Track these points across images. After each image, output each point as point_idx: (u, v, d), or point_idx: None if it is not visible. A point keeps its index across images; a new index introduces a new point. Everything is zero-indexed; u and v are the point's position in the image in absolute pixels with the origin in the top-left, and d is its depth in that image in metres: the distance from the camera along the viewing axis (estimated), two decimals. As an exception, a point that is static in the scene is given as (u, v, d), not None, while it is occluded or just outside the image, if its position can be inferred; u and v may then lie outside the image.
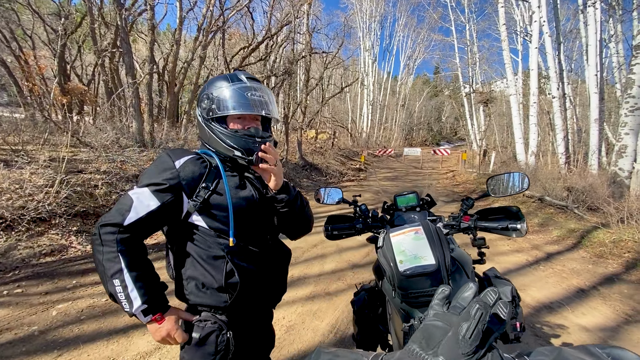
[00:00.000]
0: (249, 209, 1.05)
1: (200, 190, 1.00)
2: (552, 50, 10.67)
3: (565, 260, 3.97)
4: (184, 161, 1.00)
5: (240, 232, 1.04)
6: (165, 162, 1.00)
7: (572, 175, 8.29)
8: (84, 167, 5.45)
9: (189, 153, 1.04)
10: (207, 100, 1.06)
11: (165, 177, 0.96)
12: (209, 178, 1.02)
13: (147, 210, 0.93)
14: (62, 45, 9.92)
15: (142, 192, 0.95)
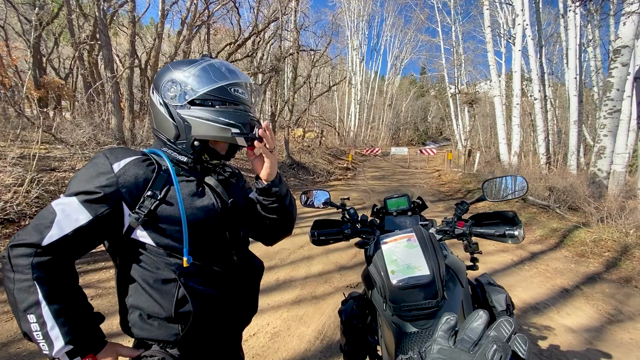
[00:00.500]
0: (208, 221, 0.88)
1: (145, 200, 0.81)
2: (534, 53, 10.92)
3: (549, 260, 4.02)
4: (125, 164, 0.81)
5: (198, 249, 0.86)
6: (101, 165, 0.80)
7: (552, 175, 8.50)
8: (57, 164, 5.17)
9: (132, 153, 0.85)
10: (176, 85, 0.86)
11: (99, 184, 0.77)
12: (156, 184, 0.83)
13: (74, 225, 0.74)
14: (37, 36, 9.42)
15: (69, 203, 0.75)
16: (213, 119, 0.85)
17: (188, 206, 0.85)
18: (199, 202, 0.87)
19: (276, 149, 0.96)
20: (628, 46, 5.78)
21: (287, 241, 4.35)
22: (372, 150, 19.33)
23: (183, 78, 0.87)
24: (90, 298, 2.48)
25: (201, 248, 0.87)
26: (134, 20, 7.54)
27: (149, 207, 0.80)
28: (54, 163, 5.22)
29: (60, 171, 5.01)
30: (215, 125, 0.85)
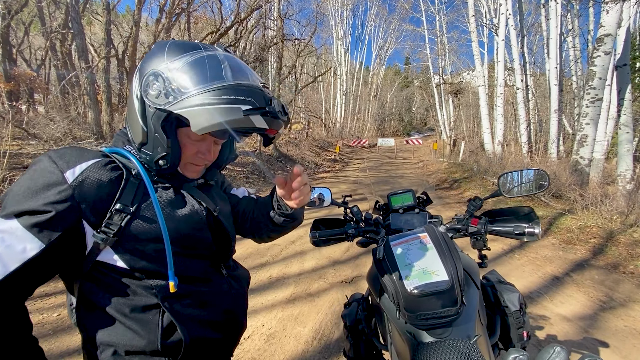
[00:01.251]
0: (193, 234, 0.74)
1: (113, 215, 0.63)
2: (517, 43, 11.03)
3: (538, 248, 4.08)
4: (83, 170, 0.61)
5: (184, 267, 0.72)
6: (49, 174, 0.59)
7: (535, 163, 8.69)
8: (30, 162, 4.86)
9: (89, 155, 0.65)
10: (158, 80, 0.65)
11: (49, 200, 0.57)
12: (126, 194, 0.65)
13: (21, 259, 0.56)
14: (5, 26, 8.81)
15: (10, 230, 0.56)
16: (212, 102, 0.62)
17: (168, 219, 0.69)
18: (180, 213, 0.72)
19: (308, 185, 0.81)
20: (611, 35, 5.87)
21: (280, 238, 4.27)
22: (359, 142, 19.32)
23: (169, 71, 0.65)
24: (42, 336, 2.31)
25: (187, 266, 0.73)
26: (109, 7, 7.11)
27: (118, 223, 0.63)
28: (27, 160, 4.90)
29: (33, 169, 4.71)
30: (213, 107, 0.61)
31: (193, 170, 0.78)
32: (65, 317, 2.37)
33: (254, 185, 8.00)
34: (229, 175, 7.79)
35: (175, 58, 0.66)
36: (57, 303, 2.50)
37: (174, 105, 0.64)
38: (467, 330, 0.90)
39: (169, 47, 0.69)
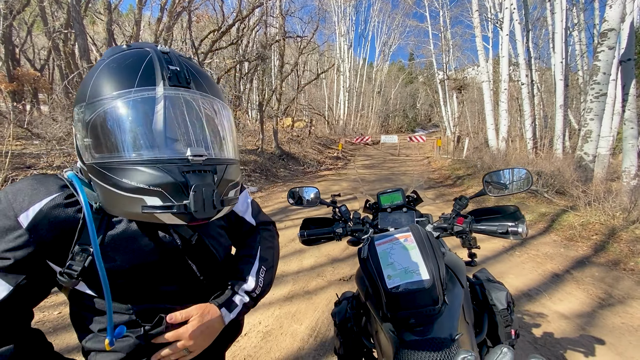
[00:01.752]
0: (166, 262, 0.69)
1: (75, 256, 0.60)
2: (522, 38, 10.88)
3: (539, 245, 4.06)
4: (36, 213, 0.58)
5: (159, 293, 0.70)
6: (3, 217, 0.57)
7: (540, 159, 8.60)
8: (33, 162, 4.92)
9: (44, 192, 0.60)
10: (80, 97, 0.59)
11: (6, 247, 0.56)
12: (86, 233, 0.60)
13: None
14: (7, 26, 8.89)
15: None
16: (110, 179, 0.54)
17: (130, 256, 0.64)
18: (149, 243, 0.67)
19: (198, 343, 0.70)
20: (614, 29, 5.77)
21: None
22: (362, 139, 19.25)
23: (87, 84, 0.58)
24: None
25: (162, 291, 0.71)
26: (110, 7, 7.15)
27: (81, 264, 0.60)
28: (29, 160, 4.97)
29: (37, 168, 4.77)
30: (113, 191, 0.54)
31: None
32: (65, 315, 2.41)
33: (256, 183, 8.03)
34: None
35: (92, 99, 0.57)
36: (58, 301, 2.54)
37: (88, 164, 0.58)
38: (450, 328, 0.90)
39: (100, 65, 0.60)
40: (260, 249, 0.91)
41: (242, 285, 0.81)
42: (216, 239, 0.82)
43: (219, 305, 0.76)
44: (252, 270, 0.85)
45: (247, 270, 0.85)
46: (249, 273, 0.84)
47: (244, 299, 0.80)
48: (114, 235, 0.64)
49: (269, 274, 0.89)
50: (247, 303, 0.81)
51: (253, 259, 0.87)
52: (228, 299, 0.78)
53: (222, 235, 0.86)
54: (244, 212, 0.95)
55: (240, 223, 0.94)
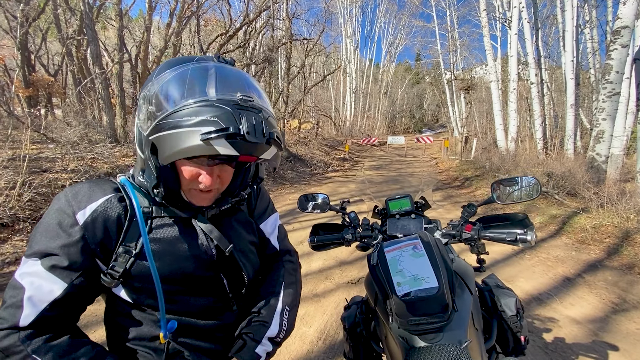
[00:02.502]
0: (201, 274, 0.72)
1: (118, 257, 0.65)
2: (531, 36, 10.75)
3: (550, 248, 4.01)
4: (92, 211, 0.63)
5: (188, 306, 0.72)
6: (63, 215, 0.62)
7: (550, 160, 8.48)
8: (49, 165, 5.05)
9: (100, 193, 0.66)
10: (146, 101, 0.62)
11: (63, 243, 0.61)
12: (131, 235, 0.66)
13: (49, 299, 0.60)
14: (23, 33, 9.14)
15: (36, 272, 0.60)
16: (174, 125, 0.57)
17: (168, 260, 0.68)
18: (185, 251, 0.70)
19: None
20: (628, 27, 5.67)
21: (286, 237, 4.30)
22: (369, 140, 19.21)
23: (151, 92, 0.61)
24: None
25: (193, 303, 0.73)
26: (121, 13, 7.31)
27: (123, 265, 0.65)
28: (45, 164, 5.10)
29: (52, 172, 4.90)
30: (175, 132, 0.56)
31: (199, 197, 0.70)
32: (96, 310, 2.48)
33: (264, 185, 8.08)
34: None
35: (159, 76, 0.62)
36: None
37: (149, 130, 0.60)
38: (459, 335, 0.91)
39: (162, 65, 0.66)
40: (284, 285, 0.86)
41: (264, 332, 0.76)
42: (246, 255, 0.81)
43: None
44: (276, 313, 0.79)
45: (270, 312, 0.79)
46: (273, 316, 0.79)
47: (267, 348, 0.75)
48: (158, 239, 0.68)
49: (293, 313, 0.84)
50: (271, 351, 0.77)
51: (276, 299, 0.82)
52: (251, 352, 0.73)
53: (252, 252, 0.85)
54: (270, 234, 0.94)
55: (265, 244, 0.92)
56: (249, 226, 0.86)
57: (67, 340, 0.61)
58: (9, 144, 5.39)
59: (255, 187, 0.86)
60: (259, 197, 0.92)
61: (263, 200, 0.94)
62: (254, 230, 0.87)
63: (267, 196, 0.98)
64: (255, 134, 0.58)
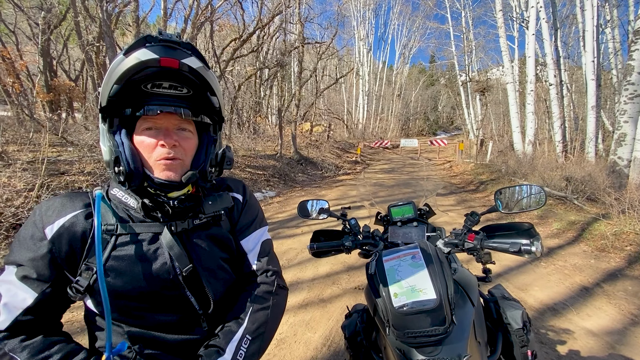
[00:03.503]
0: (162, 292, 0.71)
1: (82, 272, 0.66)
2: (549, 37, 10.45)
3: (567, 255, 3.86)
4: (59, 227, 0.66)
5: (152, 321, 0.72)
6: (33, 227, 0.67)
7: (569, 164, 8.19)
8: (67, 168, 5.23)
9: (70, 208, 0.69)
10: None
11: (32, 256, 0.65)
12: (94, 250, 0.66)
13: (22, 306, 0.64)
14: (45, 39, 9.53)
15: (11, 281, 0.65)
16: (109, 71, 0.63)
17: (129, 278, 0.68)
18: (148, 269, 0.70)
19: None
20: (651, 26, 5.44)
21: (294, 240, 4.28)
22: (381, 143, 19.07)
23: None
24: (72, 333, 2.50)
25: (159, 319, 0.72)
26: (137, 20, 7.52)
27: (87, 280, 0.66)
28: (63, 167, 5.28)
29: (70, 174, 5.06)
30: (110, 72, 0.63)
31: (166, 168, 0.69)
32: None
33: (275, 188, 8.13)
34: (249, 178, 7.97)
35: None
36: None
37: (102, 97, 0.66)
38: (458, 349, 0.88)
39: None
40: (251, 311, 0.79)
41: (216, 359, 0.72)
42: (214, 273, 0.78)
43: None
44: (232, 341, 0.74)
45: (226, 340, 0.74)
46: (228, 343, 0.73)
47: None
48: (119, 257, 0.69)
49: (256, 343, 0.77)
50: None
51: (238, 325, 0.77)
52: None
53: (222, 268, 0.81)
54: (250, 251, 0.87)
55: (242, 260, 0.87)
56: (224, 243, 0.82)
57: (40, 339, 0.65)
58: (29, 147, 5.61)
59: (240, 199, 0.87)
60: (243, 211, 0.89)
61: (248, 214, 0.90)
62: (229, 247, 0.83)
63: (256, 209, 0.93)
64: (169, 35, 0.63)
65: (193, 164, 0.74)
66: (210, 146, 0.77)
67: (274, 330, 0.84)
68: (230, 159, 0.81)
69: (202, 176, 0.75)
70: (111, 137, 0.68)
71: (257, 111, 14.90)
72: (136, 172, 0.67)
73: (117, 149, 0.67)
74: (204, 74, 0.68)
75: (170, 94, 0.69)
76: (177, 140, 0.69)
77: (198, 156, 0.75)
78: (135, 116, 0.68)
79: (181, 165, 0.71)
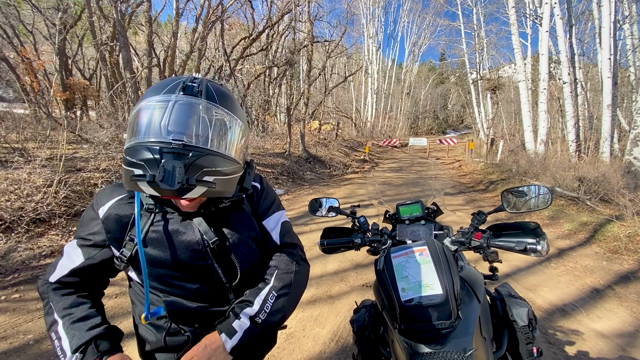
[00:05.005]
0: (193, 262, 0.83)
1: (126, 244, 0.81)
2: (563, 34, 10.24)
3: (578, 257, 3.82)
4: (108, 207, 0.83)
5: (185, 291, 0.85)
6: (90, 211, 0.85)
7: (583, 164, 8.04)
8: (83, 165, 5.38)
9: (117, 193, 0.85)
10: None
11: (89, 231, 0.84)
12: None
13: (70, 267, 0.83)
14: (61, 39, 9.78)
15: (72, 247, 0.85)
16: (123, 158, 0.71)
17: (163, 248, 0.81)
18: (182, 242, 0.82)
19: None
20: (670, 23, 5.29)
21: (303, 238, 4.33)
22: (390, 142, 18.98)
23: (130, 116, 0.73)
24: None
25: (192, 288, 0.85)
26: (150, 20, 7.66)
27: (130, 251, 0.80)
28: (79, 163, 5.43)
29: (86, 171, 5.21)
30: (123, 167, 0.72)
31: (184, 206, 0.81)
32: (122, 303, 2.63)
33: (283, 186, 8.20)
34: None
35: (138, 103, 0.72)
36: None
37: None
38: (464, 343, 0.91)
39: (148, 89, 0.74)
40: (277, 273, 0.91)
41: (244, 309, 0.83)
42: (241, 248, 0.88)
43: (220, 332, 0.80)
44: (260, 295, 0.86)
45: (254, 293, 0.87)
46: (256, 297, 0.85)
47: (244, 324, 0.81)
48: (157, 231, 0.81)
49: (281, 299, 0.87)
50: (249, 328, 0.81)
51: (265, 283, 0.89)
52: (228, 325, 0.81)
53: (250, 246, 0.90)
54: (272, 229, 0.98)
55: (266, 239, 0.97)
56: (248, 222, 0.92)
57: (73, 297, 0.83)
58: (47, 144, 5.78)
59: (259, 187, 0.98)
60: (262, 197, 0.99)
61: (266, 200, 1.00)
62: (254, 227, 0.93)
63: (272, 196, 1.03)
64: (169, 182, 0.63)
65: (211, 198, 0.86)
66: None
67: (297, 295, 0.94)
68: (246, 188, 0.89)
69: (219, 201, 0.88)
70: None
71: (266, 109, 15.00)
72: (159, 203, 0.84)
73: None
74: (208, 195, 0.72)
75: None
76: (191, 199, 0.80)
77: None
78: None
79: (198, 203, 0.82)
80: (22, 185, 4.21)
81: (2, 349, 2.16)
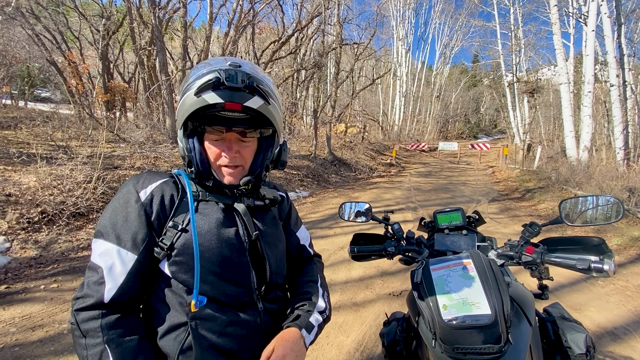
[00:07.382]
0: (232, 258, 0.77)
1: (167, 231, 0.74)
2: (611, 33, 9.50)
3: (629, 275, 3.47)
4: (152, 190, 0.75)
5: (217, 290, 0.75)
6: (129, 195, 0.75)
7: (633, 173, 7.37)
8: (120, 163, 5.65)
9: (158, 177, 0.79)
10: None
11: (130, 218, 0.73)
12: (179, 212, 0.76)
13: (125, 270, 0.70)
14: (104, 44, 10.42)
15: (107, 251, 0.70)
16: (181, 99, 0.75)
17: (208, 237, 0.75)
18: (225, 233, 0.77)
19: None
20: None
21: (327, 242, 4.26)
22: (418, 145, 18.52)
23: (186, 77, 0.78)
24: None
25: (222, 289, 0.75)
26: (185, 25, 7.96)
27: (170, 239, 0.73)
28: (117, 161, 5.71)
29: (122, 169, 5.47)
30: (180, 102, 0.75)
31: (227, 173, 0.79)
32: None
33: (308, 188, 8.19)
34: (284, 178, 8.10)
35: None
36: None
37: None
38: (514, 372, 0.81)
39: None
40: (320, 277, 0.96)
41: (315, 306, 0.85)
42: (271, 247, 0.86)
43: (300, 327, 0.78)
44: (319, 293, 0.89)
45: (314, 292, 0.89)
46: (318, 294, 0.88)
47: (319, 319, 0.83)
48: (200, 218, 0.77)
49: (328, 296, 0.93)
50: (321, 324, 0.83)
51: (316, 283, 0.92)
52: (306, 320, 0.80)
53: (276, 246, 0.88)
54: (305, 240, 1.04)
55: (301, 250, 1.02)
56: (277, 225, 0.93)
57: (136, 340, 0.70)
58: (89, 143, 6.13)
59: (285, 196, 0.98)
60: (291, 209, 1.02)
61: (295, 211, 1.06)
62: (281, 230, 0.94)
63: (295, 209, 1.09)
64: (235, 81, 0.69)
65: (251, 167, 0.83)
66: (267, 151, 0.85)
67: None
68: (284, 162, 0.90)
69: (257, 178, 0.85)
70: (185, 140, 0.78)
71: (293, 112, 15.14)
72: (205, 174, 0.79)
73: (190, 153, 0.77)
74: (264, 111, 0.75)
75: (234, 117, 0.76)
76: (238, 151, 0.79)
77: (256, 161, 0.83)
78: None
79: (240, 171, 0.81)
80: (65, 180, 4.47)
81: (38, 337, 2.26)
